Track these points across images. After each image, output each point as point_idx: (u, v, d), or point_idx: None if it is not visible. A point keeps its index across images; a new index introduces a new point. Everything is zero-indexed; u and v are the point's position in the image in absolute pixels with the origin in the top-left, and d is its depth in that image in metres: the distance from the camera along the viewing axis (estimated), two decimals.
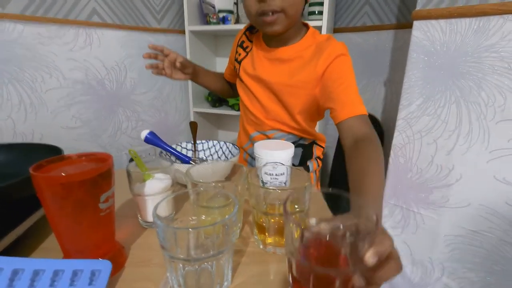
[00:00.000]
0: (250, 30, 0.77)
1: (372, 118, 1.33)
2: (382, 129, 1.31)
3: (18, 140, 1.06)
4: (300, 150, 0.78)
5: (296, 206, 0.38)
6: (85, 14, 1.16)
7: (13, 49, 1.00)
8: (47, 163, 0.34)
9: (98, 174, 0.32)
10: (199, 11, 1.45)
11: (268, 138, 0.77)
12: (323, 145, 0.82)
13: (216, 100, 1.50)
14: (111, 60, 1.28)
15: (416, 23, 0.83)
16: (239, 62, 0.76)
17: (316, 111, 0.71)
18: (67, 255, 0.35)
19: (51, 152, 0.52)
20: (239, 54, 0.76)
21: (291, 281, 0.29)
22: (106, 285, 0.32)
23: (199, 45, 1.49)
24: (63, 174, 0.32)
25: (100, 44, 1.22)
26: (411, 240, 1.00)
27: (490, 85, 0.75)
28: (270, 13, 0.59)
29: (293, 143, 0.76)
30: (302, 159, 0.78)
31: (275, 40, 0.69)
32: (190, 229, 0.30)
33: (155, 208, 0.31)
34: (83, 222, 0.33)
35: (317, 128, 1.24)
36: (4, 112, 1.02)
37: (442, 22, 0.79)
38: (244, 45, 0.76)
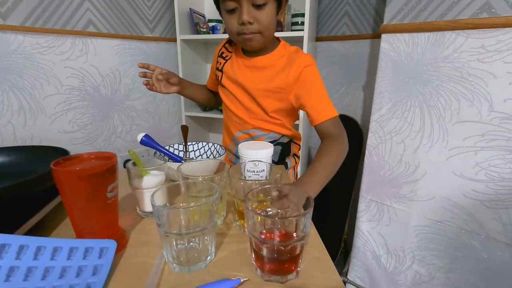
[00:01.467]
0: (229, 42, 0.86)
1: (352, 121, 1.43)
2: (361, 130, 1.40)
3: (18, 144, 1.12)
4: (279, 148, 0.87)
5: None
6: (82, 24, 1.23)
7: (14, 58, 1.07)
8: (63, 161, 0.42)
9: (106, 168, 0.40)
10: (190, 21, 1.53)
11: (251, 136, 0.86)
12: (299, 143, 0.91)
13: None
14: (106, 68, 1.35)
15: (384, 36, 0.93)
16: (221, 70, 0.84)
17: (291, 110, 0.81)
18: (79, 235, 0.42)
19: (58, 153, 0.60)
20: (220, 63, 0.85)
21: (252, 253, 0.38)
22: (112, 260, 0.40)
23: (190, 53, 1.57)
24: (78, 168, 0.39)
25: (95, 52, 1.29)
26: (385, 231, 1.09)
27: (447, 91, 0.85)
28: (248, 33, 0.69)
29: (273, 141, 0.85)
30: (281, 156, 0.87)
31: (252, 51, 0.78)
32: (180, 209, 0.38)
33: (153, 194, 0.39)
34: (94, 208, 0.41)
35: (301, 130, 1.33)
36: (4, 118, 1.08)
37: (405, 35, 0.89)
38: (224, 55, 0.85)
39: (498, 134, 0.80)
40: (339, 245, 1.44)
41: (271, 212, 0.44)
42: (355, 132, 1.40)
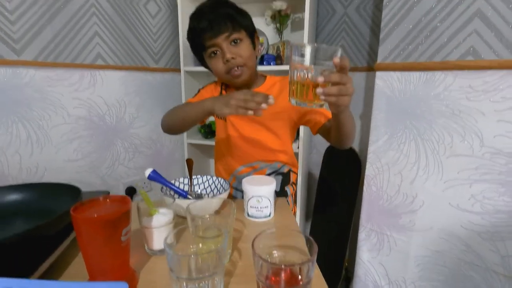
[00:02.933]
0: (224, 86, 0.92)
1: (350, 150, 1.47)
2: (359, 158, 1.44)
3: (23, 174, 1.14)
4: (280, 178, 0.91)
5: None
6: (91, 58, 1.29)
7: (25, 91, 1.11)
8: (81, 205, 0.44)
9: (122, 213, 0.42)
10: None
11: (254, 169, 0.89)
12: (296, 171, 0.96)
13: (208, 132, 1.63)
14: (112, 98, 1.40)
15: (378, 73, 0.99)
16: None
17: (294, 127, 0.90)
18: (92, 275, 0.44)
19: (70, 190, 0.62)
20: None
21: None
22: None
23: (193, 83, 1.63)
24: (96, 215, 0.42)
25: (103, 83, 1.35)
26: (386, 261, 1.10)
27: (440, 126, 0.90)
28: (236, 68, 0.77)
29: (275, 171, 0.89)
30: (282, 186, 0.91)
31: (243, 86, 0.84)
32: (192, 256, 0.41)
33: (165, 240, 0.41)
34: (108, 251, 0.43)
35: (300, 158, 1.37)
36: (12, 148, 1.11)
37: (398, 73, 0.95)
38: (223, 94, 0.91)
39: (490, 168, 0.84)
40: (340, 272, 1.43)
41: None
42: (353, 160, 1.44)
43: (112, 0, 1.33)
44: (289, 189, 0.93)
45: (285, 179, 0.92)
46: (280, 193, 0.90)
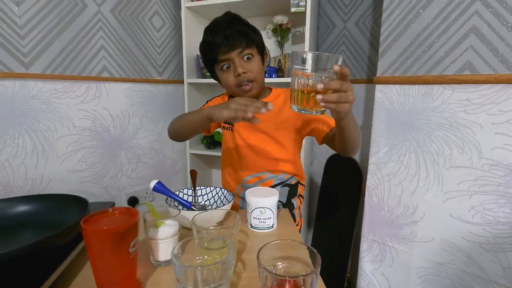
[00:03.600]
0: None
1: (351, 160, 1.48)
2: (360, 169, 1.45)
3: (28, 184, 1.16)
4: (287, 189, 0.92)
5: None
6: (97, 70, 1.32)
7: (32, 103, 1.14)
8: (90, 217, 0.45)
9: (130, 225, 0.44)
10: (197, 65, 1.64)
11: (260, 179, 0.90)
12: (303, 183, 0.97)
13: (211, 143, 1.65)
14: (117, 109, 1.42)
15: (377, 86, 1.01)
16: (232, 123, 0.92)
17: (300, 138, 0.92)
18: (100, 286, 0.45)
19: (78, 202, 0.63)
20: None
21: None
22: None
23: (196, 94, 1.67)
24: (106, 228, 0.43)
25: (108, 95, 1.37)
26: (388, 272, 1.10)
27: (439, 138, 0.92)
28: (246, 83, 0.81)
29: (281, 183, 0.90)
30: (288, 197, 0.92)
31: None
32: (198, 267, 0.42)
33: (173, 252, 0.42)
34: (117, 262, 0.44)
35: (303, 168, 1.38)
36: (18, 159, 1.12)
37: (397, 86, 0.97)
38: None
39: (489, 179, 0.85)
40: (343, 283, 1.42)
41: None
42: (354, 171, 1.45)
43: (118, 15, 1.38)
44: (295, 201, 0.94)
45: (292, 190, 0.92)
46: (286, 205, 0.91)
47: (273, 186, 0.90)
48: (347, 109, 0.57)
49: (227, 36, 0.77)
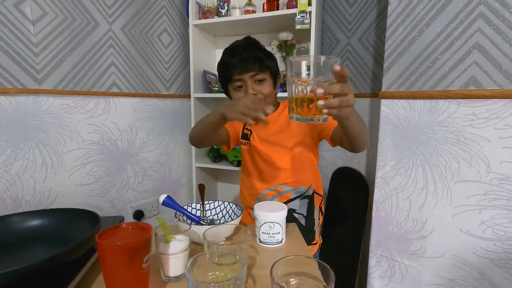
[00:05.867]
0: None
1: (357, 173, 1.48)
2: (366, 183, 1.45)
3: (37, 198, 1.16)
4: (306, 201, 0.92)
5: None
6: (106, 86, 1.35)
7: (43, 118, 1.16)
8: (105, 232, 0.46)
9: (144, 240, 0.44)
10: (203, 80, 1.68)
11: (278, 192, 0.91)
12: (321, 193, 0.97)
13: (216, 156, 1.66)
14: (124, 123, 1.45)
15: (383, 101, 1.03)
16: (248, 138, 0.96)
17: (314, 144, 0.93)
18: None
19: (89, 216, 0.64)
20: (247, 133, 0.98)
21: None
22: None
23: (202, 109, 1.69)
24: (120, 243, 0.44)
25: (116, 110, 1.40)
26: None
27: (446, 152, 0.92)
28: None
29: (301, 195, 0.91)
30: (309, 209, 0.93)
31: None
32: (211, 284, 0.42)
33: (186, 267, 0.43)
34: (130, 277, 0.44)
35: None
36: (28, 172, 1.14)
37: (402, 101, 0.98)
38: (245, 126, 0.99)
39: (499, 194, 0.84)
40: None
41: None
42: (360, 185, 1.44)
43: (129, 32, 1.42)
44: (317, 218, 0.95)
45: (311, 202, 0.94)
46: (308, 218, 0.92)
47: (292, 199, 0.91)
48: (349, 112, 0.55)
49: (243, 59, 0.83)
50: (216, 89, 1.61)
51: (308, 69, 0.50)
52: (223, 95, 1.57)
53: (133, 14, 1.44)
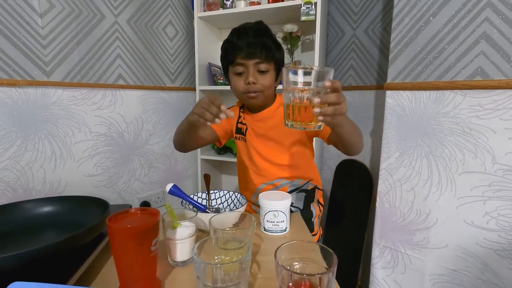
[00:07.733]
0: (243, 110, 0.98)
1: (361, 166, 1.48)
2: (371, 175, 1.45)
3: (47, 188, 1.19)
4: (303, 194, 0.93)
5: None
6: (113, 78, 1.37)
7: (52, 110, 1.18)
8: (115, 216, 0.48)
9: (152, 224, 0.46)
10: (208, 73, 1.68)
11: (275, 186, 0.92)
12: (320, 187, 0.97)
13: (221, 148, 1.67)
14: (131, 115, 1.46)
15: (388, 92, 1.02)
16: (244, 133, 0.95)
17: (309, 141, 0.94)
18: (123, 283, 0.47)
19: (98, 203, 0.66)
20: (241, 127, 0.96)
21: None
22: None
23: None
24: (129, 226, 0.45)
25: (122, 102, 1.42)
26: (401, 280, 1.09)
27: (451, 143, 0.92)
28: (253, 92, 0.82)
29: (297, 189, 0.91)
30: (305, 203, 0.93)
31: (256, 107, 0.91)
32: (218, 264, 0.43)
33: (193, 250, 0.44)
34: (139, 259, 0.46)
35: None
36: (38, 163, 1.16)
37: (408, 92, 0.98)
38: (240, 120, 0.97)
39: (504, 185, 0.84)
40: None
41: None
42: (364, 177, 1.45)
43: (134, 25, 1.43)
44: (314, 208, 0.94)
45: (309, 196, 0.94)
46: (304, 211, 0.92)
47: (288, 193, 0.92)
48: (342, 120, 0.59)
49: (250, 43, 0.79)
50: (221, 81, 1.62)
51: (305, 78, 0.53)
52: (228, 87, 1.59)
53: (139, 7, 1.44)
